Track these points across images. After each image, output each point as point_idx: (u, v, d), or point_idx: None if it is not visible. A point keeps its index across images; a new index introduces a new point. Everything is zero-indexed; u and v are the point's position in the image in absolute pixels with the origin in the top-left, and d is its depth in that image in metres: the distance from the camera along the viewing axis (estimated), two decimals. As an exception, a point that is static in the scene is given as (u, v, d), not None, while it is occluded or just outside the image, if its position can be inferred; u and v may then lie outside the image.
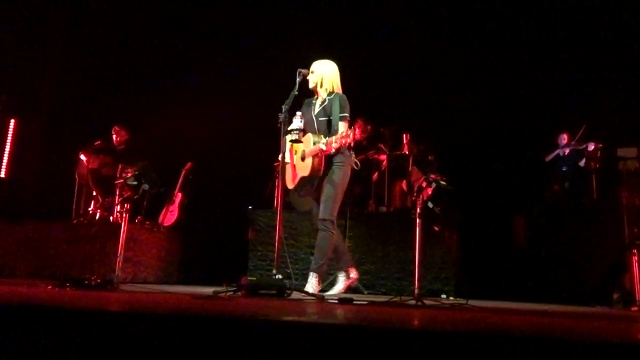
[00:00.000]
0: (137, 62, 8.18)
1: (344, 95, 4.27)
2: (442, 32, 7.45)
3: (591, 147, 6.41)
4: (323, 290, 4.32)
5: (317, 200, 4.25)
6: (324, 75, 4.33)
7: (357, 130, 3.82)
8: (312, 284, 4.12)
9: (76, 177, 6.99)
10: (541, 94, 7.11)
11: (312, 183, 4.28)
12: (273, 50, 7.74)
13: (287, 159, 4.33)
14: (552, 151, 6.87)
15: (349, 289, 4.42)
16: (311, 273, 4.16)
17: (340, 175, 4.17)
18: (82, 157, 6.93)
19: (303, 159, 4.25)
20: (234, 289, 3.52)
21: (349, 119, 4.19)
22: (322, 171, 4.14)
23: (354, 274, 4.44)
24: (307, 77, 4.29)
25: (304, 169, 4.21)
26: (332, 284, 4.51)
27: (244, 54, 7.89)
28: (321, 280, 4.21)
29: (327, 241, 4.14)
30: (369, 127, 5.32)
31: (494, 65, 7.22)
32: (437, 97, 7.33)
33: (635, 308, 4.16)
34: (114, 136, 7.11)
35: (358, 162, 4.33)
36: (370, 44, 7.61)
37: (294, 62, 4.36)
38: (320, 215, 4.14)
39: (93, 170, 6.88)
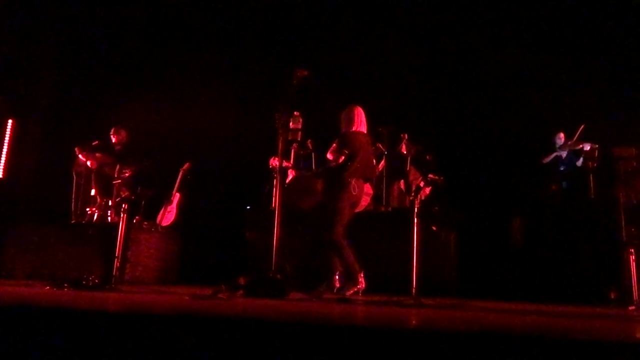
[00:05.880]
0: (135, 62, 8.17)
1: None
2: (440, 32, 7.46)
3: (587, 147, 6.43)
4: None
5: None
6: None
7: None
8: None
9: (74, 175, 6.96)
10: (538, 94, 7.11)
11: None
12: (271, 50, 7.73)
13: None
14: (550, 154, 6.87)
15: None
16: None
17: None
18: (80, 156, 6.90)
19: None
20: (233, 289, 3.53)
21: None
22: None
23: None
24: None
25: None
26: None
27: (242, 54, 7.89)
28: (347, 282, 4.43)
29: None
30: None
31: (492, 65, 7.22)
32: (435, 97, 7.34)
33: (633, 307, 4.17)
34: (113, 136, 7.08)
35: None
36: (368, 43, 7.61)
37: (292, 62, 4.36)
38: None
39: (93, 169, 6.87)
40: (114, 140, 7.07)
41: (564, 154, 6.76)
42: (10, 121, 7.74)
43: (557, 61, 7.12)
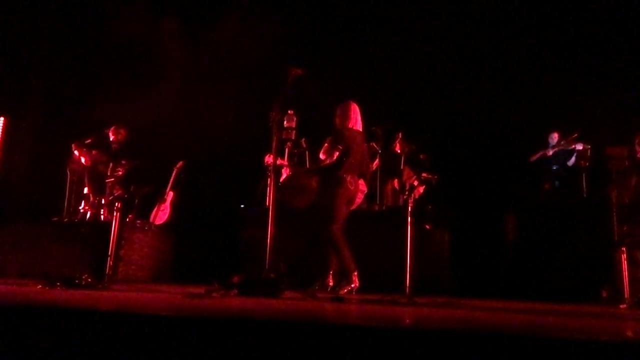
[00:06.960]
0: (129, 60, 8.13)
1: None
2: (435, 30, 7.47)
3: (579, 147, 6.46)
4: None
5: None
6: None
7: None
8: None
9: (68, 172, 6.92)
10: (532, 94, 7.15)
11: None
12: (266, 48, 7.72)
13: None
14: (537, 152, 6.92)
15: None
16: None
17: None
18: (76, 152, 6.86)
19: None
20: (226, 288, 3.52)
21: None
22: None
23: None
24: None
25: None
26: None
27: (236, 52, 7.87)
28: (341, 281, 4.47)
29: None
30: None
31: (486, 65, 7.25)
32: (429, 96, 7.35)
33: (624, 306, 4.20)
34: (112, 135, 7.03)
35: None
36: (363, 41, 7.61)
37: (286, 60, 4.36)
38: None
39: (88, 167, 6.83)
40: (112, 138, 7.02)
41: (549, 152, 6.80)
42: (2, 119, 7.69)
43: (551, 61, 7.16)
